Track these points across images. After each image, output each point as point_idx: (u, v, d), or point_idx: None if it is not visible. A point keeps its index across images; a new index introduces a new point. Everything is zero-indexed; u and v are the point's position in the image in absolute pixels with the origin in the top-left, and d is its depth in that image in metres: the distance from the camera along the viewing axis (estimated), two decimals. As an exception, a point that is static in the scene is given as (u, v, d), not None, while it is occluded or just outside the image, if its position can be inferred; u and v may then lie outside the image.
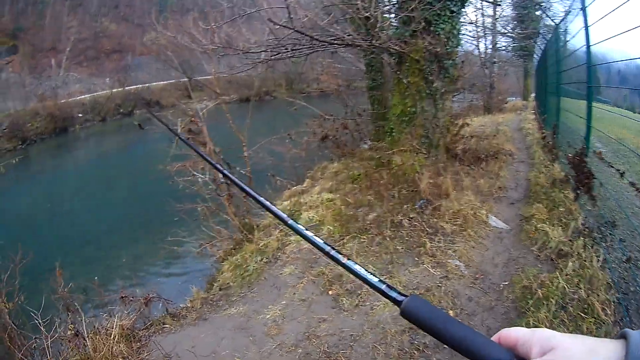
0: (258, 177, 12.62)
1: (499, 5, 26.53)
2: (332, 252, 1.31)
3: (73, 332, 6.70)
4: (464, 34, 18.70)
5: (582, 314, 5.18)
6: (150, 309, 8.13)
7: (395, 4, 11.11)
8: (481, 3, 24.94)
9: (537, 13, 29.04)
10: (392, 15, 11.48)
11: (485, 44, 29.78)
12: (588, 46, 7.36)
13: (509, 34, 30.93)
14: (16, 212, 28.43)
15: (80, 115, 54.73)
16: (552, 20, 21.78)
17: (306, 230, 1.43)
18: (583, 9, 7.63)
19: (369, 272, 1.20)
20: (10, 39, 60.33)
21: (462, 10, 10.78)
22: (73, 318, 6.97)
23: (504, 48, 32.34)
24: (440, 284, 6.77)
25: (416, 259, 7.62)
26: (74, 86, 60.21)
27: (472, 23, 26.35)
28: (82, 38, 65.06)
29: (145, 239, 17.90)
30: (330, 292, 7.09)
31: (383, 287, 1.17)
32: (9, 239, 20.64)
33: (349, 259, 1.26)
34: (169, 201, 11.38)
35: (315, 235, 1.37)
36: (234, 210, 11.15)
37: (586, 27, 7.44)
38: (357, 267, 1.22)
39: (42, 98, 55.80)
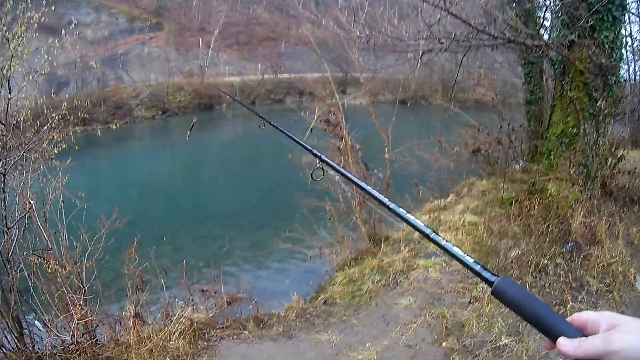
0: (400, 183, 11.51)
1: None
2: (433, 235, 1.52)
3: (131, 313, 6.30)
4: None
5: None
6: (236, 307, 7.50)
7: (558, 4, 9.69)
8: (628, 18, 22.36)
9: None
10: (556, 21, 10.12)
11: (635, 68, 26.78)
12: None
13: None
14: (141, 178, 29.48)
15: (228, 95, 55.53)
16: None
17: (407, 213, 1.66)
18: None
19: (465, 254, 1.35)
20: (154, 16, 63.96)
21: (623, 17, 9.42)
22: (139, 298, 6.70)
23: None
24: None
25: (552, 321, 6.02)
26: (224, 67, 62.04)
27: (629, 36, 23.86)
28: (232, 22, 67.05)
29: (261, 228, 17.31)
30: (444, 344, 5.69)
31: (477, 267, 1.31)
32: (123, 203, 20.78)
33: (447, 241, 1.44)
34: (297, 194, 10.75)
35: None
36: (365, 217, 10.08)
37: None
38: (455, 249, 1.39)
39: (188, 74, 58.30)
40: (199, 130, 45.12)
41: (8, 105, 7.23)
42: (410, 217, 1.62)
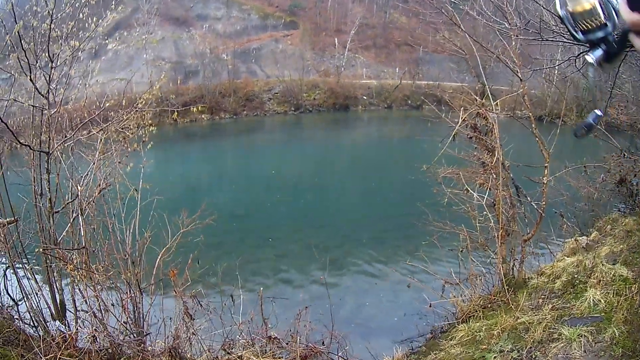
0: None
1: None
2: None
3: (167, 348, 5.79)
4: None
5: None
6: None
7: None
8: None
9: None
10: None
11: None
12: None
13: None
14: (265, 172, 28.57)
15: (364, 97, 56.39)
16: None
17: None
18: None
19: None
20: (288, 15, 66.29)
21: None
22: (186, 327, 6.10)
23: None
24: None
25: None
26: (361, 69, 62.20)
27: None
28: (369, 25, 67.76)
29: (379, 246, 15.12)
30: None
31: None
32: (240, 195, 20.07)
33: None
34: (430, 215, 9.11)
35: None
36: (504, 254, 8.21)
37: None
38: None
39: (325, 73, 59.10)
40: (331, 129, 45.06)
41: (50, 77, 6.68)
42: None
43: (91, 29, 6.80)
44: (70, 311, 6.60)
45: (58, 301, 6.71)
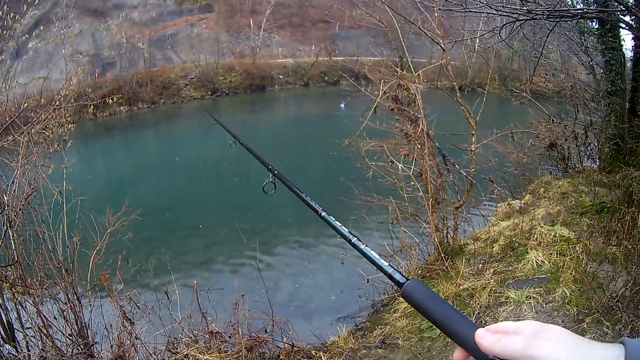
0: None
1: None
2: (354, 240, 1.66)
3: (113, 357, 5.50)
4: None
5: None
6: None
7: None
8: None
9: None
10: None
11: None
12: None
13: None
14: (187, 159, 28.48)
15: (281, 76, 56.33)
16: None
17: (330, 216, 1.90)
18: None
19: (380, 257, 1.47)
20: None
21: None
22: (129, 331, 5.69)
23: None
24: None
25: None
26: (276, 49, 61.90)
27: None
28: (284, 4, 66.98)
29: (309, 224, 14.59)
30: None
31: (390, 270, 1.37)
32: (166, 185, 19.69)
33: (366, 246, 1.56)
34: (355, 189, 9.02)
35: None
36: (437, 222, 8.15)
37: None
38: (372, 253, 1.50)
39: (240, 55, 58.28)
40: (248, 111, 45.00)
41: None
42: (330, 218, 1.87)
43: (9, 26, 6.42)
44: (19, 331, 6.26)
45: (5, 322, 6.30)
